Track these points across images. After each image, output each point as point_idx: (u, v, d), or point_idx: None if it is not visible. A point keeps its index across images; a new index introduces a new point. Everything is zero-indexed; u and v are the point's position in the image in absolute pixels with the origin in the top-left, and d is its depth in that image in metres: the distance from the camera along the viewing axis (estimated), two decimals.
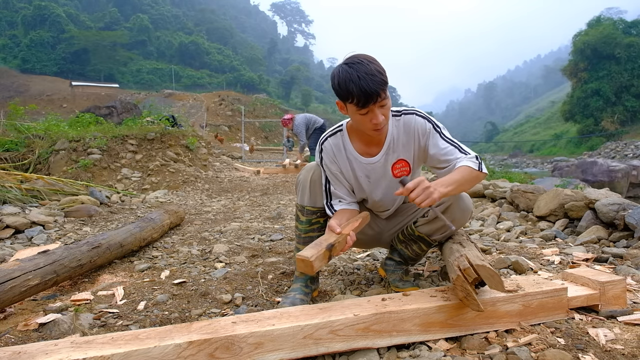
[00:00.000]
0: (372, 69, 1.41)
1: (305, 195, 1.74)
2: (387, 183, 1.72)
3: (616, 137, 35.63)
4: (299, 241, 1.82)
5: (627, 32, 39.57)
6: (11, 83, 42.89)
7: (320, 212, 1.76)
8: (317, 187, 1.74)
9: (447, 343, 1.31)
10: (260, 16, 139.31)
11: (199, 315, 1.73)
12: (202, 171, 7.94)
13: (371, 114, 1.46)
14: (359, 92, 1.40)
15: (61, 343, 1.13)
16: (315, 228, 1.78)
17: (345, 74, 1.42)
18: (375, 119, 1.47)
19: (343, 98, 1.47)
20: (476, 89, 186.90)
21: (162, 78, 60.30)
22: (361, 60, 1.43)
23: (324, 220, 1.79)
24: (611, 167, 15.71)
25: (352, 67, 1.42)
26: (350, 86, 1.40)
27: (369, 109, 1.44)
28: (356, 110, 1.46)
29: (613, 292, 1.49)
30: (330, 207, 1.73)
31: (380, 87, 1.41)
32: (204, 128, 19.01)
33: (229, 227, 3.66)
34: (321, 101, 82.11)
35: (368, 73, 1.40)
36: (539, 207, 3.31)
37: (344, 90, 1.43)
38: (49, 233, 3.38)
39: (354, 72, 1.41)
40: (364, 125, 1.52)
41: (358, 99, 1.41)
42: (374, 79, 1.40)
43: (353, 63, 1.43)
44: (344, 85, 1.43)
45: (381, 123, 1.49)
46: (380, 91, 1.41)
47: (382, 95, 1.43)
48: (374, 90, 1.40)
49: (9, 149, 6.85)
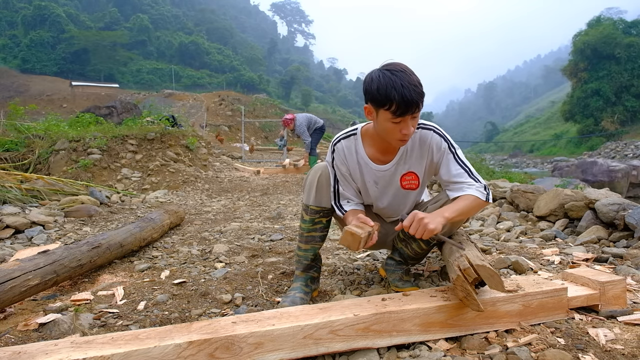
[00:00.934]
0: (414, 79, 1.42)
1: (311, 195, 1.74)
2: (394, 192, 1.74)
3: (616, 137, 35.64)
4: (301, 240, 1.83)
5: (627, 32, 39.59)
6: (11, 83, 42.89)
7: (323, 212, 1.76)
8: (324, 189, 1.74)
9: (447, 343, 1.31)
10: (260, 16, 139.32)
11: (199, 315, 1.73)
12: (202, 171, 7.94)
13: (403, 123, 1.46)
14: (400, 100, 1.39)
15: (61, 343, 1.13)
16: (318, 228, 1.79)
17: (387, 80, 1.41)
18: (406, 129, 1.47)
19: (379, 104, 1.45)
20: (476, 89, 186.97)
21: (162, 78, 60.31)
22: (404, 69, 1.44)
23: (327, 220, 1.81)
24: (611, 167, 15.71)
25: (395, 74, 1.42)
26: (392, 93, 1.39)
27: (404, 118, 1.44)
28: (390, 118, 1.45)
29: (613, 292, 1.49)
30: (339, 207, 1.75)
31: (420, 98, 1.42)
32: (204, 128, 19.01)
33: (229, 227, 3.66)
34: (321, 101, 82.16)
35: (411, 83, 1.40)
36: (539, 207, 3.31)
37: (383, 95, 1.41)
38: (49, 233, 3.38)
39: (397, 79, 1.40)
40: (391, 134, 1.51)
41: (397, 106, 1.41)
42: (416, 90, 1.41)
43: (396, 70, 1.43)
44: (384, 91, 1.41)
45: (410, 134, 1.49)
46: (419, 102, 1.43)
47: (419, 107, 1.44)
48: (415, 101, 1.40)
49: (9, 149, 6.85)
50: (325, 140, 24.22)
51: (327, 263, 2.42)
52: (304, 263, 1.84)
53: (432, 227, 1.39)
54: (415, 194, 1.77)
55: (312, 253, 1.83)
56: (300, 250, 1.84)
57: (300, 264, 1.85)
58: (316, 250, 1.84)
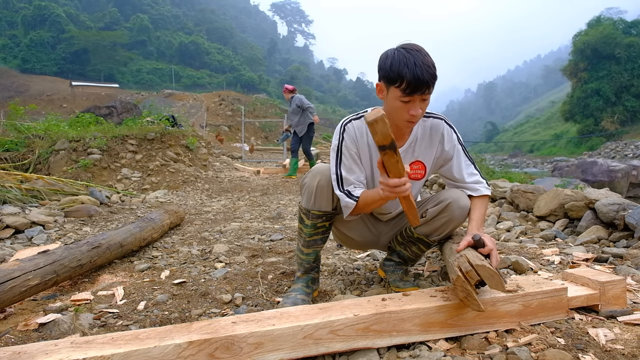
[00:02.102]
0: (428, 60, 1.41)
1: (311, 200, 1.68)
2: None
3: (616, 137, 35.64)
4: (302, 244, 1.79)
5: (627, 32, 39.59)
6: (11, 83, 42.90)
7: (325, 216, 1.72)
8: (324, 193, 1.67)
9: (447, 343, 1.31)
10: (260, 16, 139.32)
11: (199, 315, 1.73)
12: (202, 171, 7.94)
13: (412, 104, 1.44)
14: (411, 78, 1.38)
15: (61, 343, 1.13)
16: (320, 232, 1.75)
17: (401, 57, 1.41)
18: (414, 109, 1.45)
19: (391, 80, 1.44)
20: (476, 89, 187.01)
21: (162, 78, 60.33)
22: (419, 49, 1.43)
23: (329, 223, 1.76)
24: (611, 167, 15.71)
25: (410, 52, 1.41)
26: (404, 70, 1.39)
27: (413, 98, 1.43)
28: (399, 96, 1.43)
29: (613, 292, 1.49)
30: (348, 194, 1.59)
31: (432, 79, 1.41)
32: (204, 128, 19.01)
33: (229, 227, 3.66)
34: (321, 101, 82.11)
35: (424, 63, 1.40)
36: (539, 207, 3.31)
37: (395, 72, 1.41)
38: (49, 233, 3.38)
39: (411, 57, 1.40)
40: (399, 114, 1.49)
41: (408, 84, 1.39)
42: (429, 70, 1.40)
43: (411, 49, 1.42)
44: (396, 68, 1.41)
45: (418, 116, 1.47)
46: (430, 84, 1.41)
47: (430, 88, 1.42)
48: (425, 81, 1.39)
49: (9, 149, 6.85)
50: (326, 140, 24.15)
51: (327, 263, 2.42)
52: (305, 266, 1.83)
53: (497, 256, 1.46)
54: (418, 185, 1.75)
55: (314, 256, 1.82)
56: (302, 254, 1.81)
57: (302, 266, 1.84)
58: (318, 252, 1.84)
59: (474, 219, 1.61)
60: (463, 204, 1.63)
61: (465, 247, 1.41)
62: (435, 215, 1.64)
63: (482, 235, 1.46)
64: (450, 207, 1.61)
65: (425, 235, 1.71)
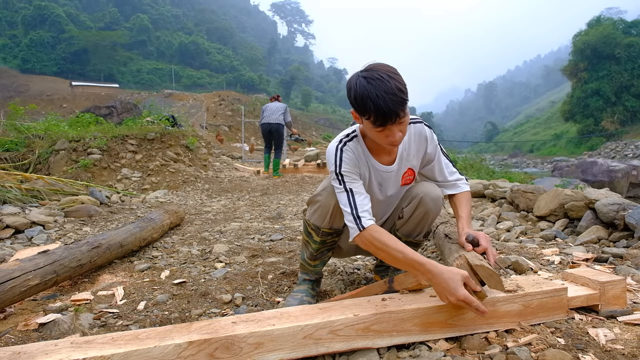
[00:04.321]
0: (392, 86, 1.30)
1: (325, 219, 1.64)
2: (393, 192, 1.70)
3: (616, 137, 35.64)
4: (309, 257, 1.80)
5: (627, 32, 39.59)
6: (11, 83, 42.91)
7: (335, 233, 1.71)
8: (339, 211, 1.56)
9: (447, 343, 1.31)
10: (260, 16, 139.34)
11: (199, 315, 1.73)
12: (202, 171, 7.94)
13: (388, 131, 1.38)
14: (376, 112, 1.31)
15: (61, 343, 1.13)
16: (328, 247, 1.77)
17: (362, 89, 1.32)
18: (392, 136, 1.39)
19: (359, 113, 1.39)
20: (476, 89, 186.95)
21: (162, 78, 60.34)
22: (381, 75, 1.31)
23: (338, 237, 1.74)
24: (611, 167, 15.70)
25: (370, 83, 1.31)
26: (368, 104, 1.31)
27: (386, 127, 1.36)
28: (372, 128, 1.38)
29: (613, 292, 1.49)
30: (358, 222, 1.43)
31: (399, 107, 1.31)
32: (204, 128, 19.01)
33: (229, 227, 3.66)
34: (321, 101, 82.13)
35: (388, 92, 1.29)
36: (539, 207, 3.31)
37: (361, 106, 1.34)
38: (49, 233, 3.38)
39: (372, 89, 1.30)
40: (380, 140, 1.45)
41: (375, 118, 1.32)
42: (394, 99, 1.29)
43: (372, 78, 1.31)
44: (360, 101, 1.33)
45: (398, 140, 1.41)
46: (400, 111, 1.32)
47: (400, 115, 1.33)
48: (393, 111, 1.31)
49: (9, 149, 6.85)
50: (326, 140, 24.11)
51: (327, 263, 2.42)
52: (314, 276, 1.87)
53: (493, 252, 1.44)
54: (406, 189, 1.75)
55: (321, 266, 1.84)
56: (310, 265, 1.83)
57: (308, 275, 1.87)
58: (325, 262, 1.86)
59: (463, 216, 1.61)
60: (435, 195, 1.62)
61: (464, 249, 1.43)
62: (411, 214, 1.65)
63: (475, 234, 1.46)
64: (424, 201, 1.61)
65: (407, 235, 1.70)
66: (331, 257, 1.91)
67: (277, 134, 8.29)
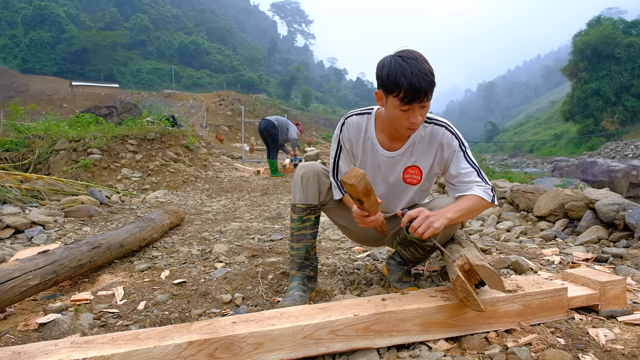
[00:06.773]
0: (425, 67, 1.39)
1: (297, 194, 1.76)
2: (393, 182, 1.70)
3: (616, 137, 35.64)
4: (292, 239, 1.84)
5: (627, 32, 39.59)
6: (11, 83, 42.90)
7: (310, 209, 1.77)
8: (310, 183, 1.75)
9: (447, 343, 1.31)
10: (260, 16, 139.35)
11: (199, 315, 1.73)
12: (202, 171, 7.94)
13: (411, 112, 1.44)
14: (408, 88, 1.37)
15: (61, 343, 1.13)
16: (308, 226, 1.79)
17: (397, 66, 1.40)
18: (413, 117, 1.45)
19: (388, 90, 1.44)
20: (476, 89, 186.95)
21: (162, 78, 60.34)
22: (416, 56, 1.41)
23: (315, 217, 1.81)
24: (611, 167, 15.69)
25: (406, 61, 1.40)
26: (401, 80, 1.38)
27: (412, 106, 1.42)
28: (398, 105, 1.43)
29: (613, 292, 1.49)
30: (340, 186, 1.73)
31: (430, 87, 1.40)
32: (204, 128, 19.02)
33: (229, 227, 3.66)
34: (321, 101, 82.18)
35: (421, 71, 1.38)
36: (539, 207, 3.31)
37: (392, 82, 1.40)
38: (49, 233, 3.38)
39: (407, 66, 1.38)
40: (399, 122, 1.50)
41: (405, 94, 1.39)
42: (426, 78, 1.38)
43: (408, 57, 1.41)
44: (393, 77, 1.40)
45: (418, 123, 1.47)
46: (428, 91, 1.40)
47: (428, 96, 1.41)
48: (423, 89, 1.38)
49: (9, 149, 6.85)
50: (325, 140, 24.18)
51: (327, 263, 2.42)
52: (297, 262, 1.84)
53: (437, 225, 1.39)
54: (414, 190, 1.73)
55: (304, 251, 1.83)
56: (293, 249, 1.84)
57: (295, 263, 1.85)
58: (308, 247, 1.83)
59: (448, 204, 1.56)
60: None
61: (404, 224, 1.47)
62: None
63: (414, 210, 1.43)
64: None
65: (416, 238, 1.67)
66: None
67: (267, 133, 8.28)
